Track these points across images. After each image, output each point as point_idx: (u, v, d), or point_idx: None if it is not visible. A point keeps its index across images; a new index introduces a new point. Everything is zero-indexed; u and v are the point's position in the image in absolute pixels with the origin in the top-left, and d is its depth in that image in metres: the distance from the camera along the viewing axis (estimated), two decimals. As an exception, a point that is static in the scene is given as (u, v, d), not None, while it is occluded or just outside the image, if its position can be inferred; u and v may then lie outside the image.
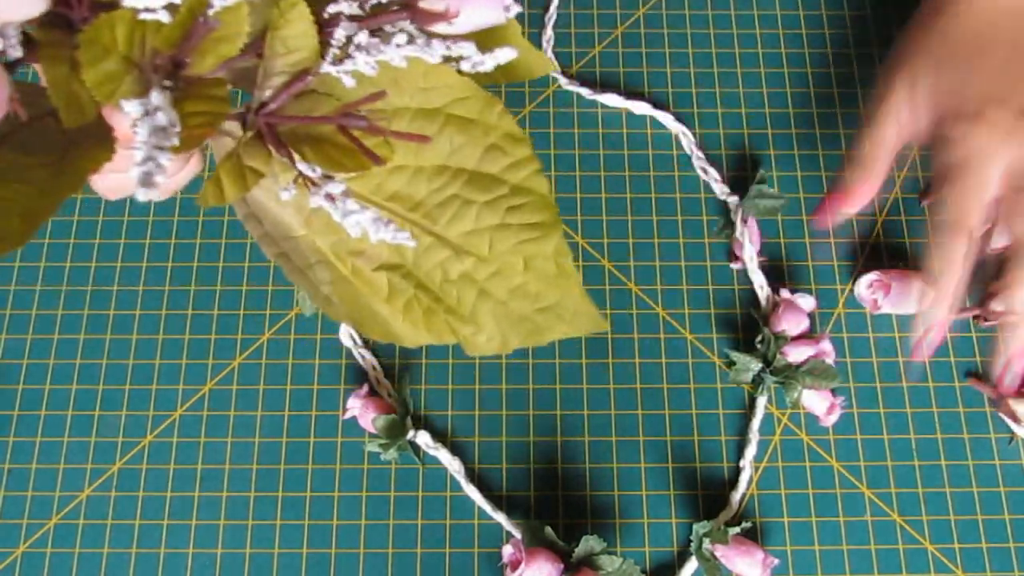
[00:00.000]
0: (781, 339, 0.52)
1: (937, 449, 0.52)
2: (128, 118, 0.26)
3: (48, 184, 0.27)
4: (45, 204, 0.26)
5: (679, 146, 0.59)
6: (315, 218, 0.32)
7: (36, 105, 0.29)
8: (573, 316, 0.33)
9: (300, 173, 0.29)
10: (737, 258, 0.56)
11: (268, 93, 0.30)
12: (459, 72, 0.31)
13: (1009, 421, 0.52)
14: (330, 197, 0.28)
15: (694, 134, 0.59)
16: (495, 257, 0.32)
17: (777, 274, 0.56)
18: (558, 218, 0.33)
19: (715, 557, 0.48)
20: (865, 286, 0.54)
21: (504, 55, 0.29)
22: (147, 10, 0.26)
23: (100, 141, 0.28)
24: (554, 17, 0.63)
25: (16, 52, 0.28)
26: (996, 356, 0.51)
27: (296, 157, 0.29)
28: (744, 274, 0.56)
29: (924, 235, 0.57)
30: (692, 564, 0.49)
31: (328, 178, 0.29)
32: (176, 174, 0.33)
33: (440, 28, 0.30)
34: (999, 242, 0.48)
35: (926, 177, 0.59)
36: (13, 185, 0.26)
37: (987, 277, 0.51)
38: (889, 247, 0.57)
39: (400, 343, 0.33)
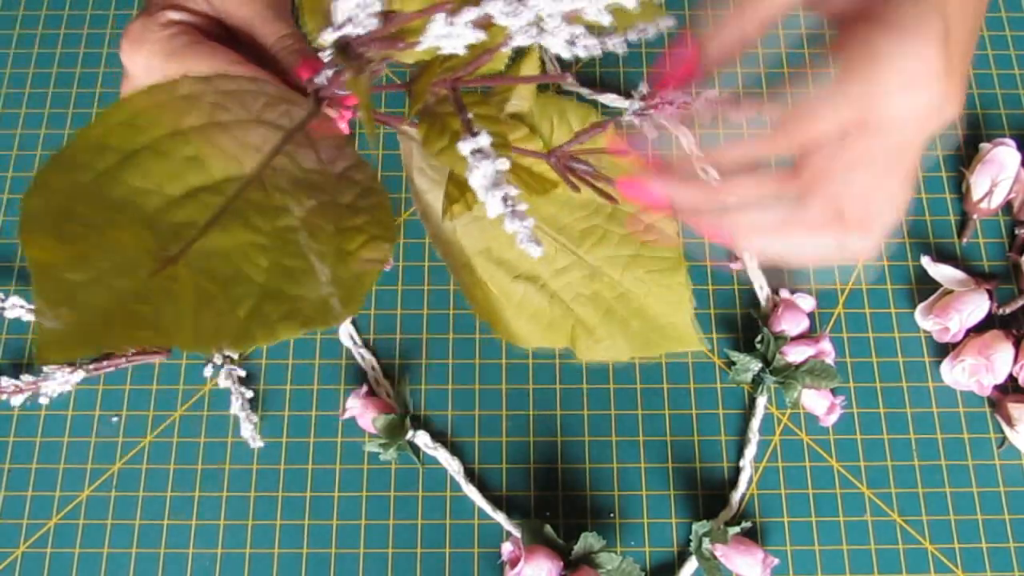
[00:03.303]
0: (781, 339, 0.52)
1: (937, 449, 0.52)
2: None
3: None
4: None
5: (679, 146, 0.59)
6: (471, 227, 0.37)
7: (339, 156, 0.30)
8: (680, 337, 0.38)
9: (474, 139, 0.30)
10: (737, 258, 0.56)
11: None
12: None
13: (1003, 423, 0.52)
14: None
15: (694, 134, 0.59)
16: (625, 280, 0.38)
17: (777, 274, 0.56)
18: (682, 259, 0.38)
19: (715, 556, 0.48)
20: (968, 374, 0.52)
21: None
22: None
23: (380, 218, 0.29)
24: (554, 17, 0.63)
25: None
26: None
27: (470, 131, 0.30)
28: (744, 274, 0.56)
29: (924, 235, 0.57)
30: (692, 563, 0.49)
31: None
32: None
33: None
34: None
35: (959, 219, 0.59)
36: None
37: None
38: (888, 247, 0.57)
39: (517, 343, 0.37)
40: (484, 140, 0.27)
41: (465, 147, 0.27)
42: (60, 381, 0.51)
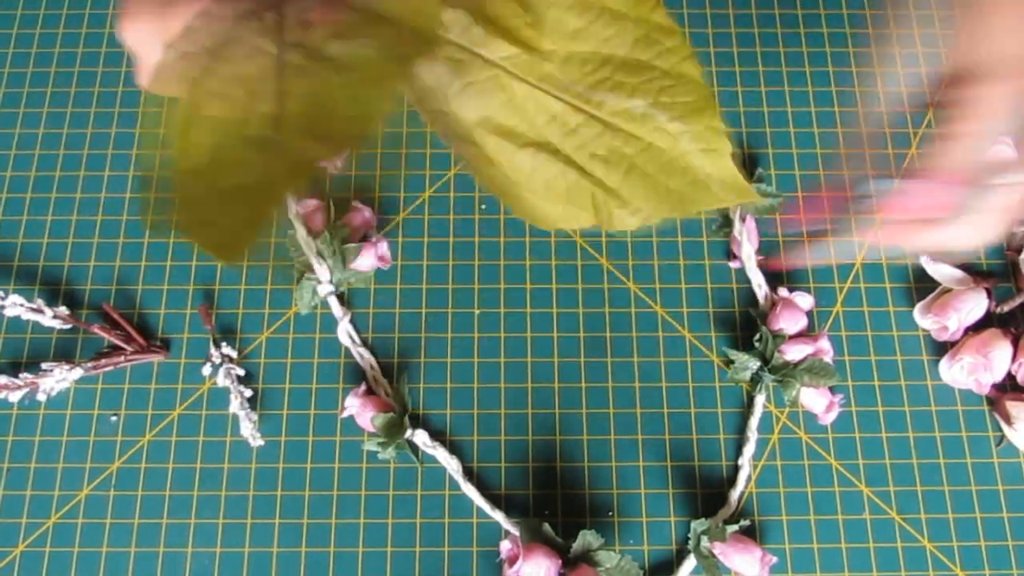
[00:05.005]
0: (779, 337, 0.52)
1: (935, 447, 0.52)
2: None
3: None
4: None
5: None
6: (466, 95, 0.33)
7: None
8: (722, 187, 0.34)
9: None
10: (735, 257, 0.56)
11: None
12: None
13: (1001, 421, 0.52)
14: None
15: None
16: (647, 133, 0.33)
17: (775, 273, 0.56)
18: (711, 99, 0.34)
19: (713, 555, 0.48)
20: (967, 373, 0.52)
21: None
22: None
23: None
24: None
25: None
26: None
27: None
28: (742, 272, 0.56)
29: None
30: (691, 562, 0.49)
31: None
32: None
33: None
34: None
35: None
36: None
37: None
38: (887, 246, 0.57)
39: (538, 223, 0.34)
40: None
41: None
42: (58, 378, 0.51)
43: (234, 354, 0.53)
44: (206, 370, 0.53)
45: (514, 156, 0.34)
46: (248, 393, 0.52)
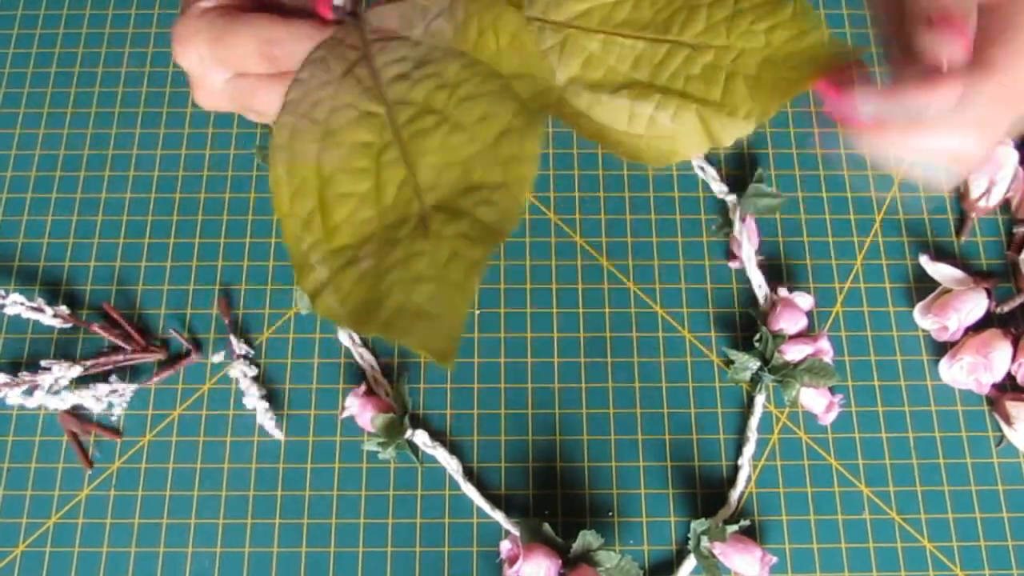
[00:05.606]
0: (779, 338, 0.52)
1: (935, 447, 0.52)
2: None
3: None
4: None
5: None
6: (551, 55, 0.35)
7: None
8: (827, 58, 0.34)
9: None
10: (735, 257, 0.56)
11: None
12: None
13: (1001, 422, 0.52)
14: None
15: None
16: (736, 41, 0.34)
17: (775, 273, 0.56)
18: None
19: (713, 555, 0.48)
20: (967, 373, 0.52)
21: None
22: None
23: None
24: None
25: None
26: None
27: None
28: (742, 273, 0.56)
29: (923, 233, 0.57)
30: (691, 562, 0.49)
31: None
32: None
33: None
34: None
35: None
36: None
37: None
38: (887, 246, 0.57)
39: (650, 162, 0.34)
40: None
41: None
42: (57, 375, 0.51)
43: (251, 351, 0.53)
44: (217, 358, 0.53)
45: (609, 105, 0.34)
46: (254, 390, 0.52)
